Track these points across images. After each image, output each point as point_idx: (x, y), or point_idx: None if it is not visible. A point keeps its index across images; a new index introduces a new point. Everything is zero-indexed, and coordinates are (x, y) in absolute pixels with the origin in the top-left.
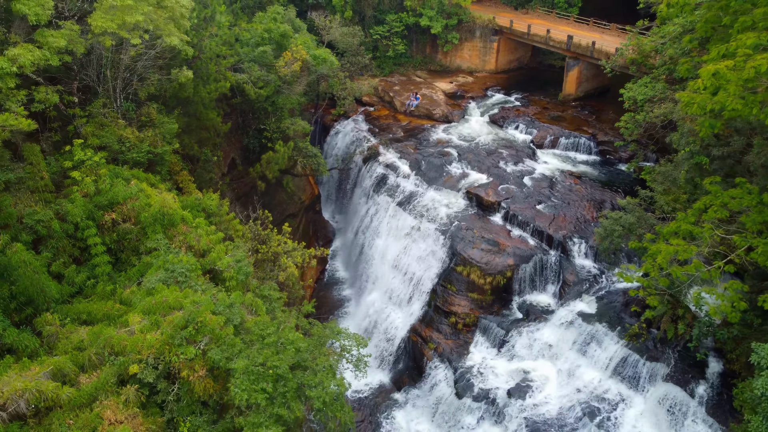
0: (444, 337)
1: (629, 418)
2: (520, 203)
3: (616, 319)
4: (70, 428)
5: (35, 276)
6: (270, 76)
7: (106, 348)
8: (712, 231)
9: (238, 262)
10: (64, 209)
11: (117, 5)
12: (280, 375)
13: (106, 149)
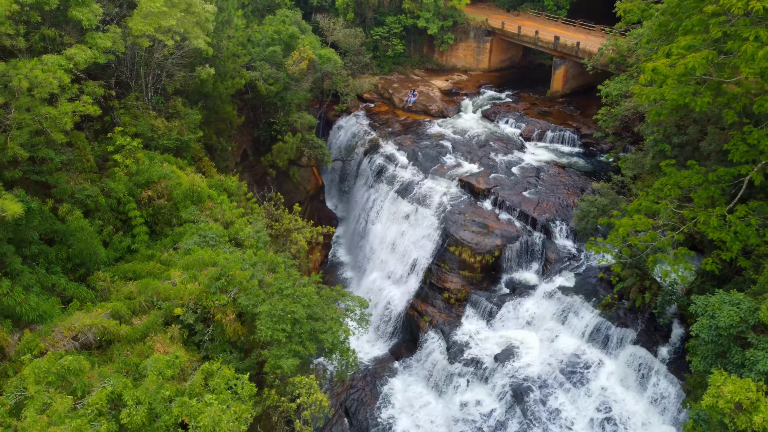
0: (438, 311)
1: (601, 377)
2: (508, 190)
3: (592, 292)
4: (127, 357)
5: (89, 240)
6: (279, 73)
7: (153, 296)
8: (667, 206)
9: (257, 233)
10: (108, 187)
11: (154, 11)
12: (296, 319)
13: (140, 136)
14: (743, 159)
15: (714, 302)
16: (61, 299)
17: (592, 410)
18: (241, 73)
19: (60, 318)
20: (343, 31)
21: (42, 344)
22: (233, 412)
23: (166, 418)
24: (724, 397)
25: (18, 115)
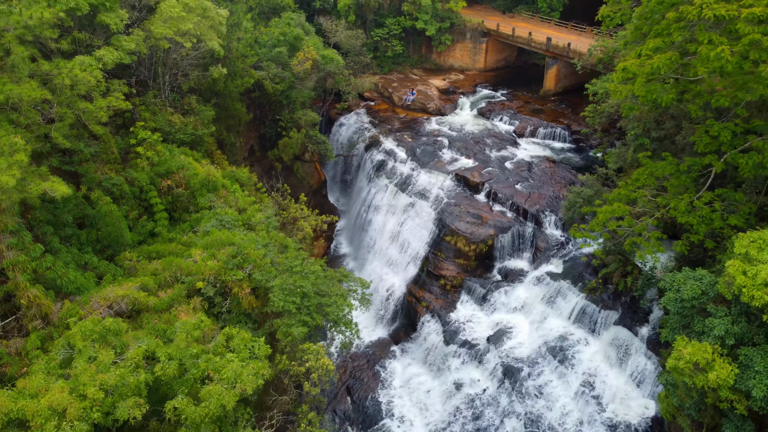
0: (435, 296)
1: (586, 356)
2: (501, 183)
3: (578, 277)
4: (156, 324)
5: (117, 224)
6: (285, 73)
7: (177, 271)
8: (644, 195)
9: (268, 218)
10: (132, 176)
11: (173, 16)
12: (305, 293)
13: (159, 131)
14: (707, 150)
15: (680, 278)
16: (94, 275)
17: (577, 385)
18: (249, 72)
19: (95, 290)
20: (345, 33)
21: (81, 312)
22: (251, 368)
23: (194, 372)
24: (684, 358)
25: (60, 109)
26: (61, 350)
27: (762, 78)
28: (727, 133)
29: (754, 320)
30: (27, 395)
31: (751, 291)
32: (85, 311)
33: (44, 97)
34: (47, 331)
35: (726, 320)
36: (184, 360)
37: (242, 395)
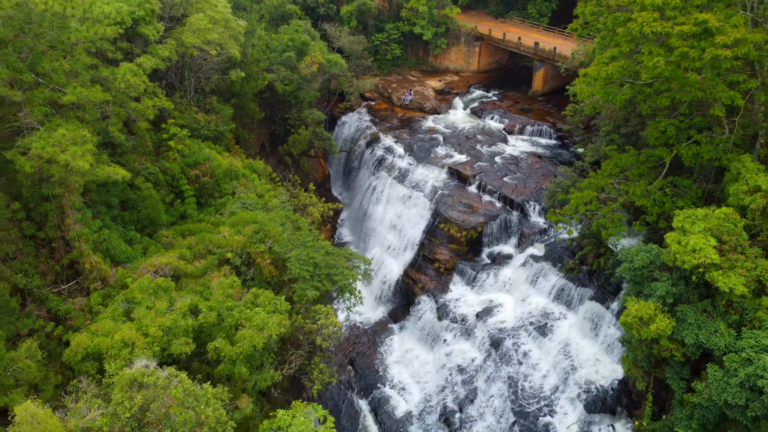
0: (429, 278)
1: (564, 328)
2: (491, 176)
3: (558, 259)
4: (193, 287)
5: (155, 206)
6: (293, 75)
7: (209, 245)
8: (610, 182)
9: (282, 203)
10: (165, 166)
11: (201, 28)
12: (317, 263)
13: (186, 127)
14: (657, 142)
15: (633, 250)
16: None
17: (555, 353)
18: (262, 75)
19: (142, 259)
20: (348, 38)
21: (132, 275)
22: (275, 318)
23: (229, 320)
24: (632, 314)
25: (115, 108)
26: (121, 303)
27: (691, 83)
28: (672, 128)
29: (690, 283)
30: (100, 335)
31: (683, 257)
32: (135, 275)
33: (105, 99)
34: (105, 291)
35: (667, 283)
36: (221, 311)
37: (268, 341)
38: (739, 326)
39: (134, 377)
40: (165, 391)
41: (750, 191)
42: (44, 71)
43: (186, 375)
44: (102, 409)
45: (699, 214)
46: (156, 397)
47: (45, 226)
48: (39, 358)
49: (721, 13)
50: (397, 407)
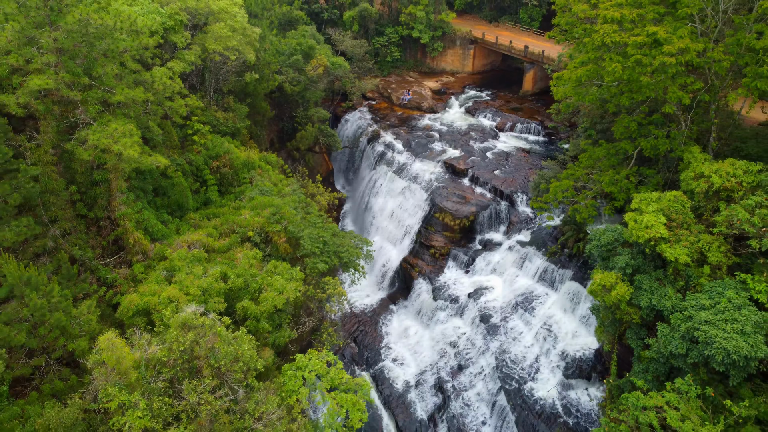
0: (426, 263)
1: (546, 306)
2: (483, 170)
3: (542, 244)
4: (221, 260)
5: (184, 192)
6: (301, 77)
7: (232, 225)
8: (584, 172)
9: (294, 190)
10: (190, 158)
11: (222, 36)
12: (326, 241)
13: (207, 124)
14: (622, 137)
15: (600, 230)
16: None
17: (538, 327)
18: (273, 76)
19: (176, 236)
20: (351, 42)
21: (169, 249)
22: (292, 284)
23: (253, 285)
24: (596, 282)
25: (153, 106)
26: (162, 271)
27: (643, 86)
28: (634, 124)
29: (646, 257)
30: (147, 295)
31: (637, 232)
32: (171, 249)
33: (147, 98)
34: (146, 262)
35: (627, 257)
36: (246, 277)
37: (286, 302)
38: (684, 290)
39: (185, 320)
40: (211, 329)
41: (696, 177)
42: (97, 75)
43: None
44: (160, 345)
45: (653, 197)
46: (203, 335)
47: (95, 207)
48: (96, 315)
49: (670, 26)
50: (397, 378)
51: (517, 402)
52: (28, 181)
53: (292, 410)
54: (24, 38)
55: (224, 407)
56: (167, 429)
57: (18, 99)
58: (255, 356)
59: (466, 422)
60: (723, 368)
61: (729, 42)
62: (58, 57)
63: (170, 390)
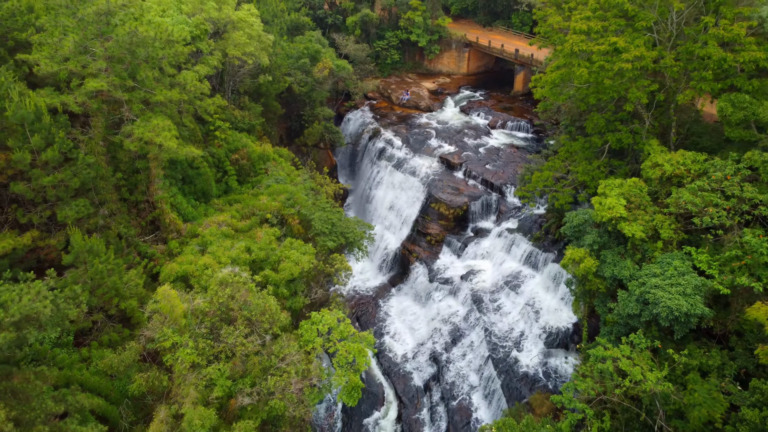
0: (423, 249)
1: (531, 286)
2: (475, 164)
3: (528, 230)
4: (243, 238)
5: (208, 180)
6: (308, 78)
7: (252, 209)
8: (562, 164)
9: (304, 180)
10: (212, 151)
11: (240, 42)
12: (333, 223)
13: (227, 121)
14: (593, 132)
15: (573, 214)
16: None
17: (522, 305)
18: (283, 78)
19: (204, 218)
20: (353, 46)
21: (200, 228)
22: (306, 257)
23: (273, 257)
24: (568, 257)
25: (186, 105)
26: (196, 245)
27: (607, 87)
28: (602, 121)
29: (611, 235)
30: (185, 263)
31: (601, 212)
32: (202, 228)
33: (182, 98)
34: (180, 239)
35: (594, 235)
36: (267, 251)
37: (301, 272)
38: (641, 262)
39: (223, 278)
40: (244, 286)
41: (653, 166)
42: (140, 78)
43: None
44: (203, 298)
45: (616, 182)
46: (238, 290)
47: (135, 191)
48: (143, 280)
49: (629, 37)
50: (396, 352)
51: (503, 369)
52: (84, 168)
53: (309, 355)
54: (80, 48)
55: (254, 350)
56: (209, 365)
57: (76, 99)
58: (279, 310)
59: (458, 388)
60: (668, 324)
61: (680, 50)
62: (108, 63)
63: (211, 335)
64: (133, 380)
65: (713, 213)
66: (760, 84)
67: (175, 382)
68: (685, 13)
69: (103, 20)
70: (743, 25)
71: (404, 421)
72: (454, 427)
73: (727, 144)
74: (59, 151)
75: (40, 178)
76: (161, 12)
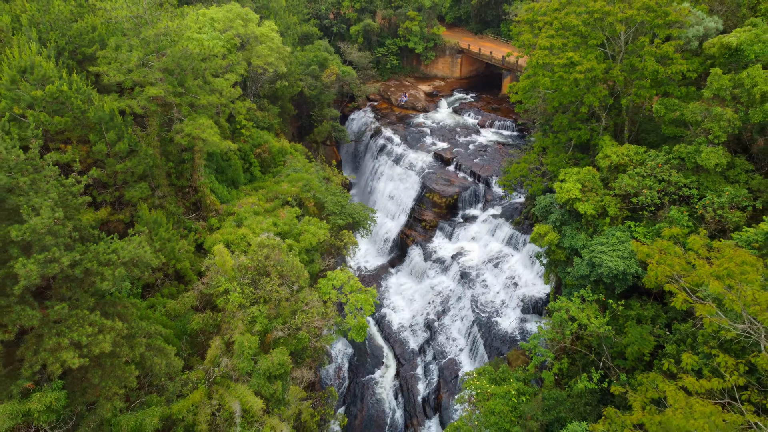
0: (418, 233)
1: (511, 263)
2: (465, 158)
3: (510, 216)
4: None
5: (237, 170)
6: (317, 83)
7: (275, 193)
8: (535, 156)
9: (317, 171)
10: (239, 146)
11: (263, 54)
12: (343, 205)
13: (251, 120)
14: (559, 129)
15: (542, 197)
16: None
17: (504, 279)
18: (296, 83)
19: (236, 200)
20: (357, 54)
21: (234, 208)
22: (322, 230)
23: (295, 230)
24: (536, 232)
25: (223, 107)
26: (233, 221)
27: (566, 93)
28: (566, 120)
29: (571, 213)
30: (226, 234)
31: (561, 194)
32: (235, 207)
33: (220, 102)
34: (219, 217)
35: (557, 213)
36: (290, 225)
37: (317, 242)
38: (593, 234)
39: (261, 241)
40: (278, 247)
41: (604, 157)
42: (187, 86)
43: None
44: (246, 257)
45: (573, 170)
46: (273, 251)
47: (181, 178)
48: (192, 247)
49: (584, 52)
50: (394, 321)
51: (485, 332)
52: (145, 158)
53: (326, 303)
54: (141, 61)
55: (285, 296)
56: (252, 306)
57: (139, 103)
58: (303, 268)
59: (448, 349)
60: (609, 281)
61: (624, 63)
62: (162, 74)
63: (252, 285)
64: (190, 321)
65: (648, 194)
66: (686, 90)
67: (226, 319)
68: (632, 30)
69: (160, 40)
70: (672, 44)
71: (402, 377)
72: (444, 380)
73: (669, 139)
74: (127, 144)
75: (114, 165)
76: (198, 29)
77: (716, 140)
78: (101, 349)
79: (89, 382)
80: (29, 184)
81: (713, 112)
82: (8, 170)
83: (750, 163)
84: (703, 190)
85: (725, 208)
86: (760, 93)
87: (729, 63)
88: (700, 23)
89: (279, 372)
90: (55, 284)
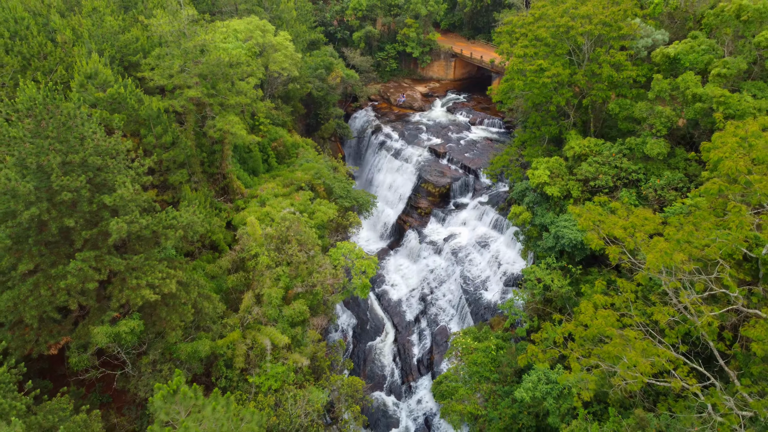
0: (414, 219)
1: (496, 244)
2: (457, 153)
3: (496, 202)
4: (284, 201)
5: (257, 161)
6: (324, 85)
7: (291, 179)
8: (515, 149)
9: (326, 161)
10: (257, 140)
11: (279, 60)
12: (348, 190)
13: (268, 118)
14: (534, 125)
15: (519, 184)
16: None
17: (489, 257)
18: (306, 85)
19: (258, 186)
20: (359, 58)
21: (257, 192)
22: (332, 209)
23: (309, 210)
24: (513, 212)
25: (247, 107)
26: (257, 202)
27: (536, 95)
28: (539, 117)
29: (543, 196)
30: (251, 213)
31: (533, 180)
32: (257, 191)
33: (246, 102)
34: (244, 199)
35: (531, 196)
36: (305, 205)
37: (328, 219)
38: (559, 213)
39: (284, 216)
40: (297, 219)
41: (569, 148)
42: (219, 88)
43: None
44: (271, 228)
45: (543, 160)
46: (293, 223)
47: (212, 166)
48: (224, 223)
49: (552, 60)
50: (393, 295)
51: (472, 302)
52: (185, 148)
53: (336, 267)
54: (180, 68)
55: (303, 260)
56: (277, 267)
57: (179, 102)
58: (317, 238)
59: (440, 318)
60: (570, 250)
61: (586, 69)
62: (198, 78)
63: (276, 250)
64: (226, 280)
65: (603, 178)
66: (638, 92)
67: (255, 277)
68: (591, 42)
69: (197, 50)
70: (624, 53)
71: (399, 343)
72: (435, 344)
73: (626, 133)
74: (171, 137)
75: (161, 155)
76: (223, 39)
77: (659, 133)
78: (168, 289)
79: (158, 316)
80: (115, 164)
81: (656, 111)
82: (101, 153)
83: (696, 153)
84: (649, 175)
85: (665, 189)
86: (692, 95)
87: (670, 70)
88: (649, 35)
89: (299, 319)
90: (129, 242)
